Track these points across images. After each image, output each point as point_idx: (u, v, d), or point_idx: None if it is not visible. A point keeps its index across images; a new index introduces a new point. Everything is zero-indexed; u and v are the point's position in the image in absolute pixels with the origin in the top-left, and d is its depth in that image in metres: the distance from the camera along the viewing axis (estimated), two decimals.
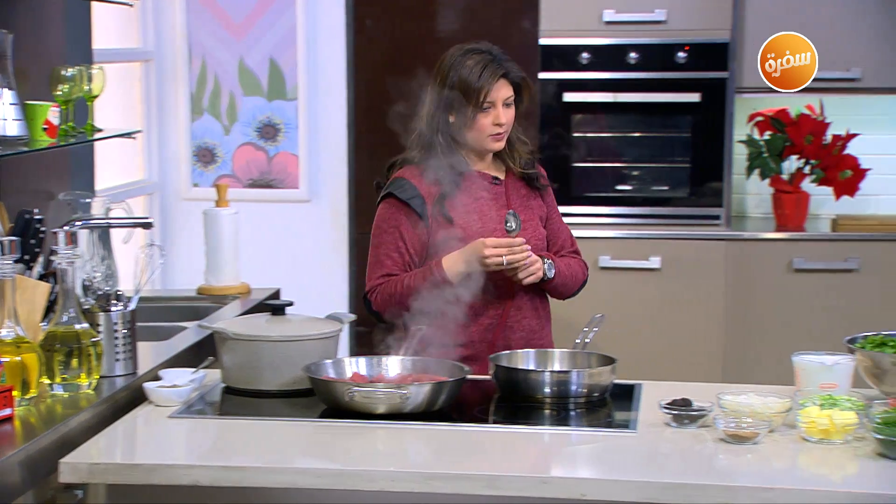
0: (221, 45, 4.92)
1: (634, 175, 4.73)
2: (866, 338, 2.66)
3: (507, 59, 3.00)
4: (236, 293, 3.75)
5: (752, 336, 4.60)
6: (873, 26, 4.61)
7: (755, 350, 4.59)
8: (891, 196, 4.96)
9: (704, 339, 4.59)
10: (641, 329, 4.58)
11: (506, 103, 2.98)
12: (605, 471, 2.22)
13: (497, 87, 2.96)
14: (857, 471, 2.20)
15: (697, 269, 4.60)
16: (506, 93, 2.97)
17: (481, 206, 3.00)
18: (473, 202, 2.99)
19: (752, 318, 4.58)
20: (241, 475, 2.21)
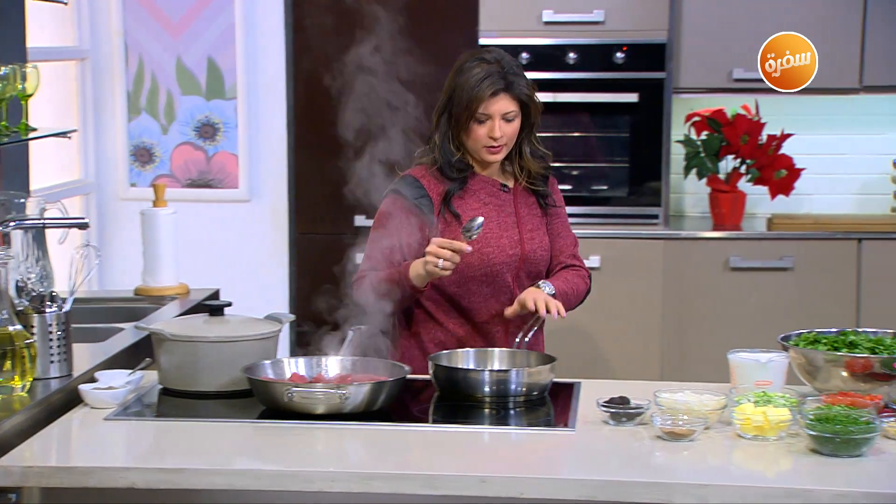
0: (159, 44, 4.87)
1: (573, 175, 4.76)
2: (800, 335, 2.70)
3: (515, 73, 2.95)
4: (175, 294, 3.72)
5: (689, 334, 4.64)
6: (807, 26, 4.68)
7: (692, 348, 4.64)
8: (825, 195, 5.04)
9: (642, 338, 4.63)
10: (580, 327, 4.61)
11: (505, 118, 2.93)
12: (543, 469, 2.24)
13: (496, 101, 2.93)
14: (790, 466, 2.23)
15: (636, 268, 4.64)
16: (505, 107, 2.93)
17: (489, 212, 2.98)
18: (481, 206, 2.99)
19: (690, 316, 4.63)
20: (177, 477, 2.19)
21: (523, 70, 3.01)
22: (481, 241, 2.95)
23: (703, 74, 4.72)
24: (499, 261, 2.97)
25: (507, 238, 2.99)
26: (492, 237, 2.97)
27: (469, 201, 3.00)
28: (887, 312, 4.54)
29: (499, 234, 2.99)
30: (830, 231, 4.64)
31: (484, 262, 2.96)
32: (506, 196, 3.04)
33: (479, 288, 2.97)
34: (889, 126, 5.00)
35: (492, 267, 2.96)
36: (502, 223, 3.01)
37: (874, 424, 2.26)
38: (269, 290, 4.95)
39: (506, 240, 2.99)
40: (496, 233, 2.98)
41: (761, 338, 3.24)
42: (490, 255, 2.97)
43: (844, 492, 2.07)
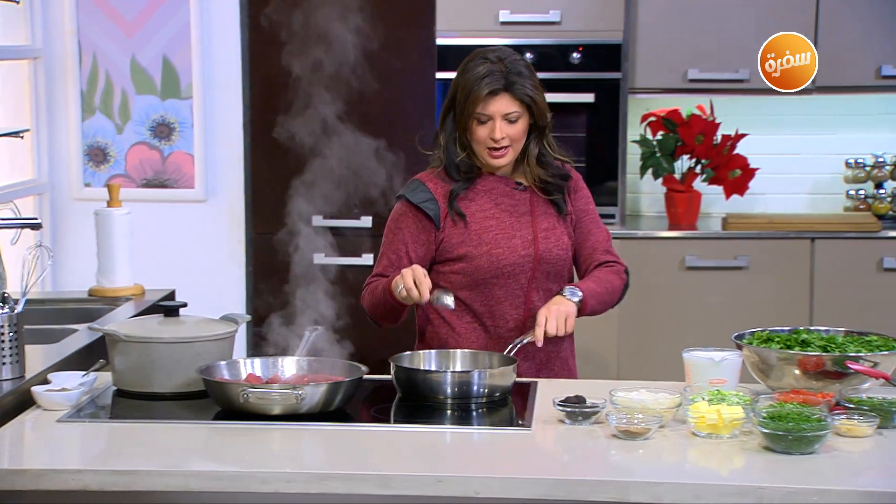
0: (113, 43, 4.83)
1: None
2: (753, 334, 2.72)
3: (518, 73, 2.86)
4: (129, 295, 3.70)
5: (645, 333, 4.67)
6: (761, 28, 4.72)
7: (649, 347, 4.67)
8: (778, 195, 5.08)
9: (599, 337, 4.65)
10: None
11: (507, 118, 2.85)
12: (499, 469, 2.24)
13: (495, 101, 2.85)
14: (743, 464, 2.25)
15: None
16: (505, 107, 2.85)
17: (499, 212, 2.93)
18: (493, 207, 2.93)
19: (646, 315, 4.65)
20: (131, 479, 2.17)
21: (531, 70, 2.90)
22: (491, 243, 2.90)
23: (658, 75, 4.75)
24: (509, 262, 2.90)
25: (520, 238, 2.92)
26: (502, 238, 2.91)
27: (480, 201, 2.93)
28: (840, 311, 4.59)
29: (510, 235, 2.92)
30: (784, 230, 4.68)
31: (493, 264, 2.90)
32: (520, 195, 2.95)
33: (491, 291, 2.91)
34: (841, 126, 5.05)
35: (502, 269, 2.90)
36: (515, 223, 2.93)
37: (826, 422, 2.28)
38: (225, 290, 4.93)
39: (518, 240, 2.91)
40: (508, 233, 2.92)
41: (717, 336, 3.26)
42: (500, 256, 2.90)
43: (797, 489, 2.09)
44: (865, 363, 2.52)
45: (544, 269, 2.93)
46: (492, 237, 2.90)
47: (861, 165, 4.96)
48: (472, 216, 2.92)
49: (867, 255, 4.62)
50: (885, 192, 4.94)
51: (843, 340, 2.66)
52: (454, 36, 4.68)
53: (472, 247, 2.90)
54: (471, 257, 2.90)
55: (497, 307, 2.92)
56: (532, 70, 2.91)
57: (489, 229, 2.92)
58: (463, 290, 2.92)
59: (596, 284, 2.93)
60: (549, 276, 2.94)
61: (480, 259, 2.89)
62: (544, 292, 2.93)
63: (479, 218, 2.92)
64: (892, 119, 5.03)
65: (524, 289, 2.91)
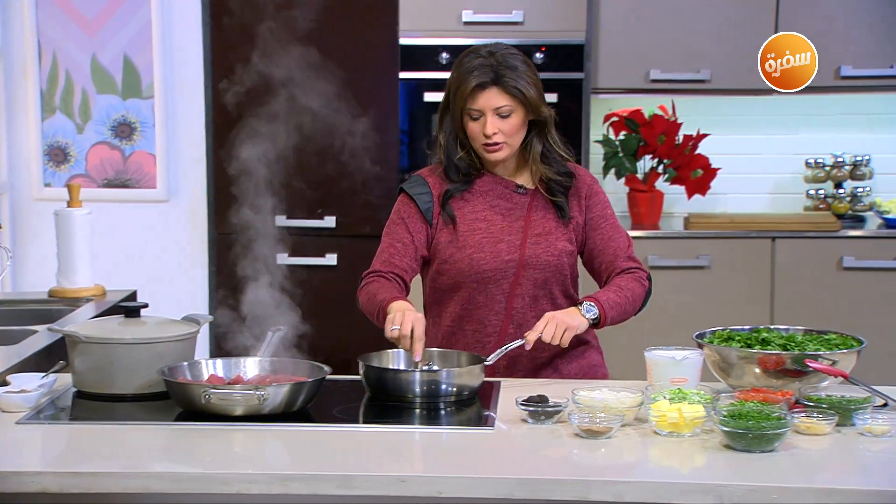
0: (73, 42, 4.80)
1: None
2: (714, 333, 2.74)
3: (508, 66, 2.79)
4: (90, 295, 3.67)
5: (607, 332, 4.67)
6: (722, 29, 4.76)
7: (611, 346, 4.67)
8: (740, 195, 5.12)
9: None
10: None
11: (499, 113, 2.79)
12: (462, 468, 2.24)
13: (484, 95, 2.78)
14: (704, 462, 2.26)
15: None
16: (495, 101, 2.78)
17: (492, 215, 2.88)
18: (487, 209, 2.88)
19: None
20: (91, 481, 2.16)
21: (527, 63, 2.84)
22: (474, 247, 2.85)
23: (620, 75, 4.77)
24: (490, 267, 2.85)
25: (507, 243, 2.86)
26: (486, 243, 2.86)
27: (474, 203, 2.89)
28: (800, 309, 4.63)
29: (497, 239, 2.86)
30: (745, 230, 4.72)
31: (473, 267, 2.85)
32: (520, 198, 2.89)
33: (472, 296, 2.87)
34: (801, 126, 5.09)
35: (482, 274, 2.85)
36: (506, 227, 2.87)
37: (785, 420, 2.30)
38: (187, 291, 4.91)
39: (504, 244, 2.86)
40: (495, 237, 2.86)
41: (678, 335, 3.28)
42: (481, 261, 2.85)
43: (756, 487, 2.10)
44: (824, 361, 2.54)
45: (530, 275, 2.86)
46: (476, 240, 2.86)
47: (821, 165, 5.01)
48: (462, 218, 2.88)
49: (827, 255, 4.66)
50: (844, 192, 4.99)
51: (802, 339, 2.68)
52: (417, 36, 4.68)
53: (456, 249, 2.87)
54: (453, 260, 2.87)
55: (477, 312, 2.88)
56: (528, 64, 2.85)
57: (476, 232, 2.87)
58: (448, 292, 2.90)
59: (616, 295, 2.83)
60: (535, 283, 2.87)
61: (461, 262, 2.86)
62: (530, 299, 2.87)
63: (470, 220, 2.88)
64: (851, 119, 5.08)
65: (506, 295, 2.86)
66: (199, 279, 4.95)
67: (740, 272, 4.67)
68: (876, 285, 4.64)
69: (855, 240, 4.68)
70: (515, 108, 2.81)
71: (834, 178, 5.00)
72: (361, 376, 2.67)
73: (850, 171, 5.00)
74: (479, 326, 2.89)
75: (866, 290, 4.64)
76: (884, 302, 4.64)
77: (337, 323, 4.81)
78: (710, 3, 4.73)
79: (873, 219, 4.93)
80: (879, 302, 4.64)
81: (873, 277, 4.65)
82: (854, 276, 4.64)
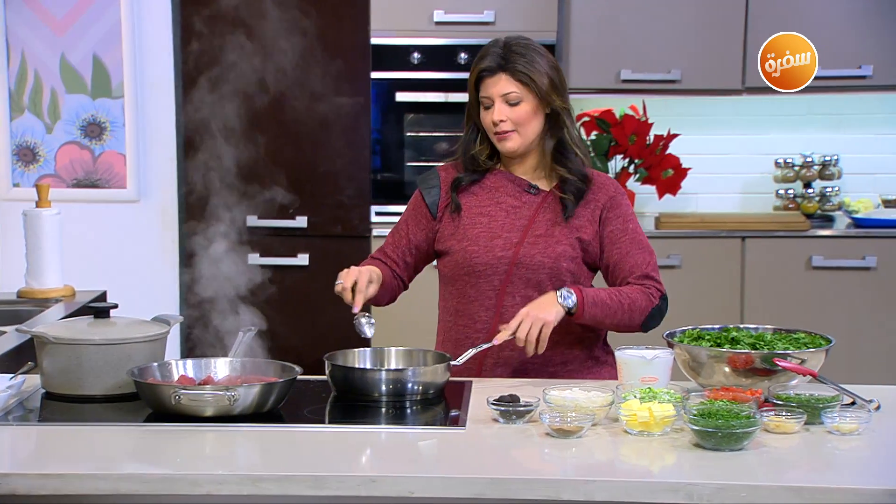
0: (42, 41, 4.77)
1: None
2: (684, 332, 2.75)
3: (520, 54, 2.77)
4: (59, 296, 3.65)
5: None
6: (693, 29, 4.78)
7: None
8: (710, 195, 5.15)
9: None
10: None
11: (507, 100, 2.77)
12: (433, 468, 2.24)
13: (493, 82, 2.78)
14: (674, 461, 2.27)
15: None
16: (503, 87, 2.77)
17: (497, 210, 2.86)
18: (493, 205, 2.86)
19: None
20: (60, 483, 2.14)
21: (543, 54, 2.80)
22: (470, 240, 2.85)
23: (591, 75, 4.79)
24: (482, 261, 2.83)
25: (504, 239, 2.83)
26: (482, 237, 2.84)
27: (482, 197, 2.88)
28: (770, 308, 4.66)
29: (494, 235, 2.84)
30: (715, 230, 4.74)
31: (466, 260, 2.85)
32: (530, 198, 2.86)
33: (464, 289, 2.86)
34: (771, 126, 5.13)
35: (474, 267, 2.84)
36: (507, 224, 2.84)
37: (755, 419, 2.31)
38: (158, 291, 4.88)
39: (501, 240, 2.83)
40: (494, 232, 2.85)
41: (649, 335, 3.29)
42: (474, 253, 2.84)
43: (725, 485, 2.11)
44: (793, 360, 2.55)
45: (522, 274, 2.83)
46: (474, 234, 2.85)
47: (790, 165, 5.04)
48: (467, 210, 2.88)
49: (796, 254, 4.69)
50: (813, 192, 5.02)
51: (771, 338, 2.70)
52: (389, 35, 4.68)
53: (455, 241, 2.87)
54: (451, 252, 2.88)
55: (468, 306, 2.87)
56: (542, 53, 2.81)
57: (476, 226, 2.87)
58: (446, 284, 2.91)
59: (608, 295, 2.77)
60: (528, 283, 2.83)
61: (457, 254, 2.86)
62: (521, 298, 2.82)
63: (473, 213, 2.87)
64: (820, 119, 5.12)
65: (497, 291, 2.84)
66: (169, 280, 4.93)
67: (711, 271, 4.70)
68: (844, 284, 4.68)
69: (824, 239, 4.72)
70: (525, 96, 2.78)
71: (803, 178, 5.04)
72: (328, 376, 2.67)
73: (819, 171, 5.03)
74: (469, 322, 2.88)
75: (835, 289, 4.68)
76: (852, 301, 4.68)
77: (308, 323, 4.81)
78: (680, 4, 4.75)
79: (842, 218, 4.97)
80: (848, 301, 4.68)
81: (842, 276, 4.68)
82: (823, 276, 4.68)
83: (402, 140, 4.79)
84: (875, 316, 4.67)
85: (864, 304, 4.67)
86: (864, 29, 4.71)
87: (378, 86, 4.71)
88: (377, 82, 4.71)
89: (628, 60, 4.77)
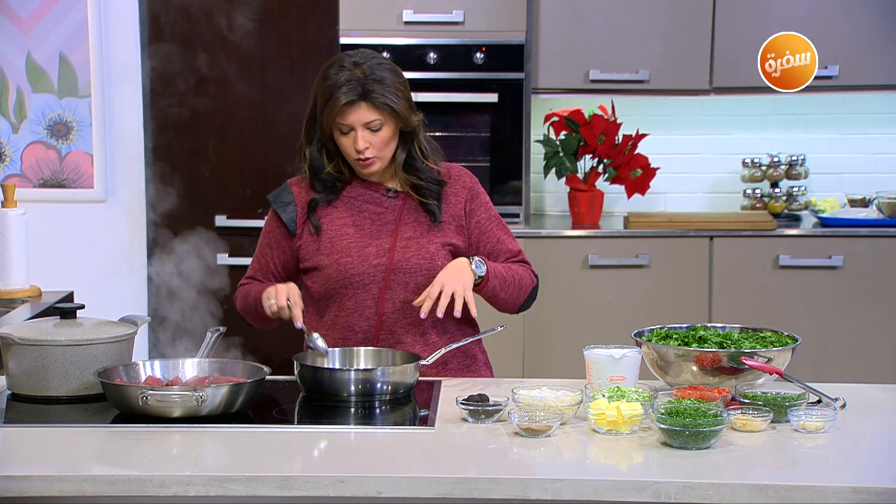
0: (7, 40, 4.73)
1: None
2: (652, 331, 2.76)
3: (376, 79, 2.75)
4: (25, 297, 3.63)
5: (548, 331, 4.71)
6: (661, 30, 4.80)
7: (553, 344, 4.71)
8: (678, 194, 5.17)
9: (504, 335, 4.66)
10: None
11: (369, 127, 2.76)
12: (401, 468, 2.24)
13: (353, 111, 2.74)
14: (642, 459, 2.28)
15: None
16: (364, 116, 2.75)
17: (361, 220, 2.85)
18: (355, 215, 2.85)
19: (550, 313, 4.69)
20: (24, 485, 2.13)
21: (395, 72, 2.81)
22: (341, 252, 2.83)
23: (560, 75, 4.80)
24: (358, 272, 2.83)
25: (375, 247, 2.84)
26: (355, 247, 2.84)
27: (342, 209, 2.86)
28: (737, 308, 4.68)
29: (365, 244, 2.85)
30: (684, 229, 4.76)
31: (341, 273, 2.84)
32: (390, 202, 2.87)
33: (341, 301, 2.85)
34: (738, 126, 5.15)
35: (350, 279, 2.83)
36: (375, 231, 2.85)
37: (722, 417, 2.33)
38: (125, 292, 4.85)
39: (373, 248, 2.84)
40: (363, 242, 2.85)
41: (618, 334, 3.30)
42: (348, 265, 2.84)
43: (692, 483, 2.12)
44: (760, 359, 2.57)
45: (401, 280, 2.84)
46: (344, 246, 2.83)
47: (757, 165, 5.07)
48: (329, 225, 2.86)
49: (764, 253, 4.72)
50: (780, 191, 5.05)
51: (738, 337, 2.71)
52: (358, 35, 4.67)
53: (324, 256, 2.84)
54: (321, 267, 2.85)
55: (347, 318, 2.86)
56: (395, 72, 2.81)
57: (343, 238, 2.85)
58: (316, 295, 2.88)
59: (504, 269, 2.85)
60: (406, 287, 2.84)
61: (329, 269, 2.83)
62: (400, 303, 2.84)
63: (337, 226, 2.85)
64: (786, 119, 5.15)
65: (375, 299, 2.84)
66: (136, 280, 4.90)
67: (679, 271, 4.72)
68: (811, 283, 4.71)
69: (790, 238, 4.74)
70: (386, 121, 2.78)
71: (770, 178, 5.07)
72: (296, 376, 2.66)
73: (786, 171, 5.06)
74: (348, 333, 2.86)
75: (802, 288, 4.71)
76: (818, 300, 4.71)
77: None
78: (648, 5, 4.77)
79: (808, 218, 5.00)
80: (814, 300, 4.71)
81: (808, 276, 4.71)
82: (789, 275, 4.71)
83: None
84: (841, 315, 4.71)
85: (831, 303, 4.71)
86: (830, 30, 4.75)
87: None
88: None
89: (597, 60, 4.78)
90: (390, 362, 2.76)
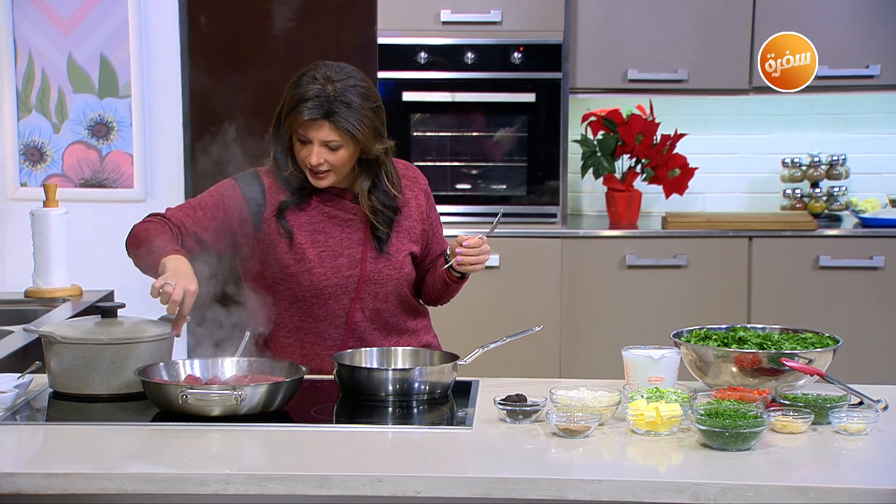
0: (49, 41, 4.78)
1: (473, 174, 4.79)
2: (691, 332, 2.74)
3: (345, 103, 2.70)
4: (67, 296, 3.66)
5: (587, 331, 4.70)
6: (699, 29, 4.77)
7: (590, 345, 4.70)
8: (716, 194, 5.14)
9: (541, 335, 4.65)
10: (480, 325, 4.63)
11: (328, 145, 2.72)
12: (439, 468, 2.24)
13: (315, 127, 2.70)
14: (680, 461, 2.27)
15: (534, 267, 4.68)
16: (325, 135, 2.70)
17: (331, 226, 2.83)
18: (325, 220, 2.82)
19: (587, 313, 4.68)
20: (66, 482, 2.15)
21: (368, 97, 2.75)
22: (313, 261, 2.80)
23: (598, 75, 4.78)
24: (331, 283, 2.81)
25: (347, 257, 2.82)
26: (327, 257, 2.81)
27: (311, 213, 2.82)
28: (776, 308, 4.65)
29: (337, 253, 2.81)
30: (722, 229, 4.73)
31: (313, 283, 2.81)
32: (356, 208, 2.84)
33: (311, 309, 2.83)
34: (778, 126, 5.12)
35: (322, 290, 2.81)
36: (345, 240, 2.82)
37: (762, 418, 2.31)
38: None
39: (345, 259, 2.81)
40: (335, 251, 2.82)
41: (656, 334, 3.30)
42: (321, 276, 2.81)
43: (731, 485, 2.11)
44: (800, 360, 2.55)
45: (372, 290, 2.84)
46: (315, 254, 2.80)
47: (797, 165, 5.03)
48: (300, 229, 2.82)
49: (803, 254, 4.68)
50: (820, 192, 5.01)
51: (778, 338, 2.70)
52: (396, 35, 4.68)
53: (295, 262, 2.81)
54: (291, 274, 2.81)
55: (316, 325, 2.85)
56: (367, 97, 2.74)
57: (315, 245, 2.82)
58: (283, 303, 2.85)
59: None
60: (376, 297, 2.85)
61: (301, 276, 2.80)
62: (370, 312, 2.85)
63: (307, 232, 2.82)
64: (827, 119, 5.11)
65: (346, 309, 2.83)
66: None
67: (717, 271, 4.69)
68: (852, 284, 4.67)
69: (831, 239, 4.71)
70: (345, 144, 2.73)
71: (810, 178, 5.03)
72: (334, 375, 2.67)
73: (827, 171, 5.02)
74: (317, 339, 2.86)
75: (842, 288, 4.67)
76: (859, 301, 4.67)
77: None
78: (687, 3, 4.75)
79: (849, 218, 4.96)
80: (855, 301, 4.67)
81: (849, 276, 4.67)
82: (830, 275, 4.67)
83: (409, 139, 4.79)
84: (882, 316, 4.66)
85: (872, 304, 4.66)
86: (871, 29, 4.71)
87: (385, 85, 4.71)
88: (384, 82, 4.71)
89: (635, 60, 4.76)
90: (428, 362, 2.76)
